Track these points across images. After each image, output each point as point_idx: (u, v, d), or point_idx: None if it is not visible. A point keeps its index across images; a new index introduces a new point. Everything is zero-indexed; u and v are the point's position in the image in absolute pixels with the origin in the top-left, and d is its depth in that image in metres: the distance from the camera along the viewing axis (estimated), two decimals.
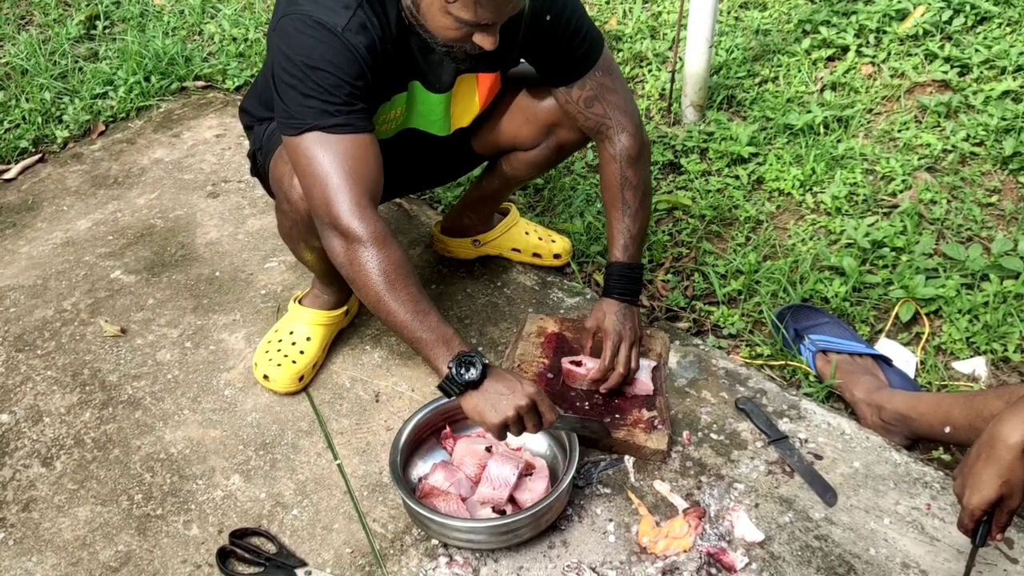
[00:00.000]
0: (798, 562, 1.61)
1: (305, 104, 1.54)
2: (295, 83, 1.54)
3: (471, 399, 1.54)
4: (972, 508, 1.38)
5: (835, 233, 2.40)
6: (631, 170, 1.85)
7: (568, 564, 1.61)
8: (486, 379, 1.53)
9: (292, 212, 1.73)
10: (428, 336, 1.54)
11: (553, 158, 2.03)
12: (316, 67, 1.53)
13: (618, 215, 1.87)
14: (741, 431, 1.85)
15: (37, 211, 2.61)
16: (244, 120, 2.00)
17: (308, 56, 1.53)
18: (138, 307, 2.23)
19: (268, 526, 1.71)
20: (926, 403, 1.79)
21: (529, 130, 1.95)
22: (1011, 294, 2.13)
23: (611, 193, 1.87)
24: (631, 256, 1.87)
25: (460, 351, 1.54)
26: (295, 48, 1.54)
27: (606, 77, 1.82)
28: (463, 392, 1.54)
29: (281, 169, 1.72)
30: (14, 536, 1.71)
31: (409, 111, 1.80)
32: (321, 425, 1.91)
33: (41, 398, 2.00)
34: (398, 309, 1.54)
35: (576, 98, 1.82)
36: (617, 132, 1.84)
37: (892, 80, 2.87)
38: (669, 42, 3.18)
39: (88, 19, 3.55)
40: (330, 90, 1.53)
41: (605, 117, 1.84)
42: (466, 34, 1.53)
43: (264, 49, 3.31)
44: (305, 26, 1.53)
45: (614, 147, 1.85)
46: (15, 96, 3.07)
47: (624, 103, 1.85)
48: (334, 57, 1.53)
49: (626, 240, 1.86)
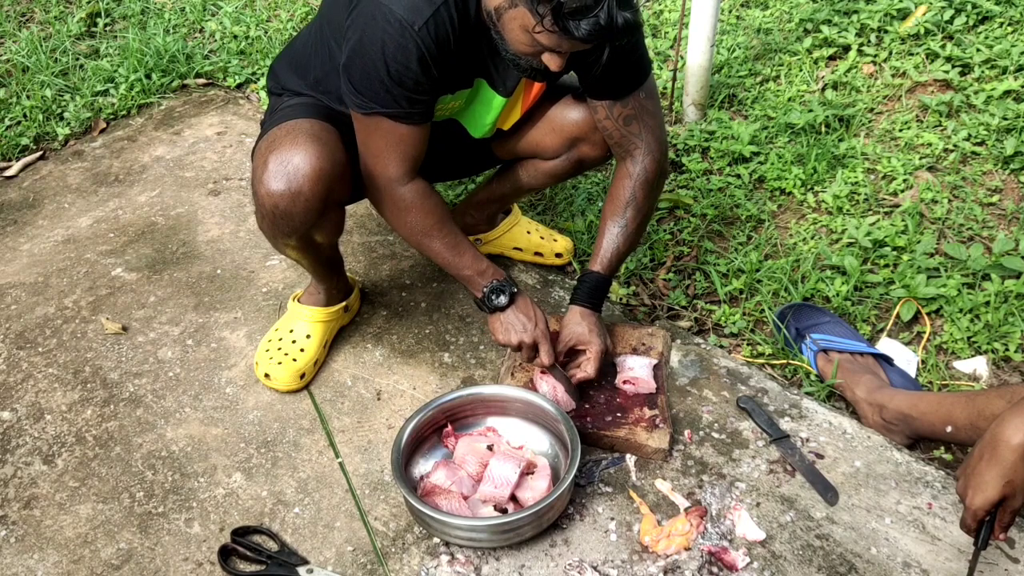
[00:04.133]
0: (799, 561, 1.61)
1: (373, 91, 1.64)
2: (367, 71, 1.62)
3: (496, 319, 1.83)
4: (975, 508, 1.38)
5: (836, 232, 2.40)
6: (642, 192, 1.87)
7: (570, 563, 1.61)
8: (511, 306, 1.81)
9: (260, 206, 1.74)
10: (466, 272, 1.82)
11: (571, 171, 2.04)
12: (387, 61, 1.59)
13: (614, 230, 1.88)
14: (742, 430, 1.86)
15: (38, 208, 2.61)
16: (270, 83, 1.98)
17: (380, 49, 1.59)
18: (139, 305, 2.23)
19: (270, 524, 1.71)
20: (927, 402, 1.79)
21: (552, 140, 1.96)
22: (1012, 294, 2.13)
23: (614, 207, 1.89)
24: (609, 271, 1.90)
25: (494, 280, 1.81)
26: (370, 37, 1.60)
27: (648, 100, 1.84)
28: (492, 312, 1.82)
29: (256, 162, 1.74)
30: (16, 534, 1.71)
31: (467, 105, 1.85)
32: (323, 423, 1.91)
33: (42, 395, 2.00)
34: (440, 250, 1.81)
35: (616, 114, 1.83)
36: (644, 154, 1.86)
37: (893, 79, 2.87)
38: (671, 40, 3.18)
39: (89, 16, 3.55)
40: (397, 84, 1.62)
41: (638, 137, 1.86)
42: (537, 52, 1.56)
43: (266, 47, 3.31)
44: (383, 16, 1.57)
45: (635, 166, 1.87)
46: (16, 93, 3.07)
47: (658, 129, 1.88)
48: (404, 56, 1.59)
49: (612, 256, 1.89)
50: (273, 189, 1.68)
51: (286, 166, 1.67)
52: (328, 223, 1.81)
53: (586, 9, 1.41)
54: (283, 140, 1.69)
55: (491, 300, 1.80)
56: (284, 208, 1.69)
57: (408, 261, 2.33)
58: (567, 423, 1.71)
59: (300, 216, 1.71)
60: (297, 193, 1.67)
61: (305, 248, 1.84)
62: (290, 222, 1.72)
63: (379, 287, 2.26)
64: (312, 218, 1.73)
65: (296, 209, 1.69)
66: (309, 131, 1.70)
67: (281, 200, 1.68)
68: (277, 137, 1.71)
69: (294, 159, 1.67)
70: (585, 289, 1.89)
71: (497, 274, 1.82)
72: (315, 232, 1.79)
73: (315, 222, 1.75)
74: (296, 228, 1.74)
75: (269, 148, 1.70)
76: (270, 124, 1.79)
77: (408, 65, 1.59)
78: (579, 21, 1.42)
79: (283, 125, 1.73)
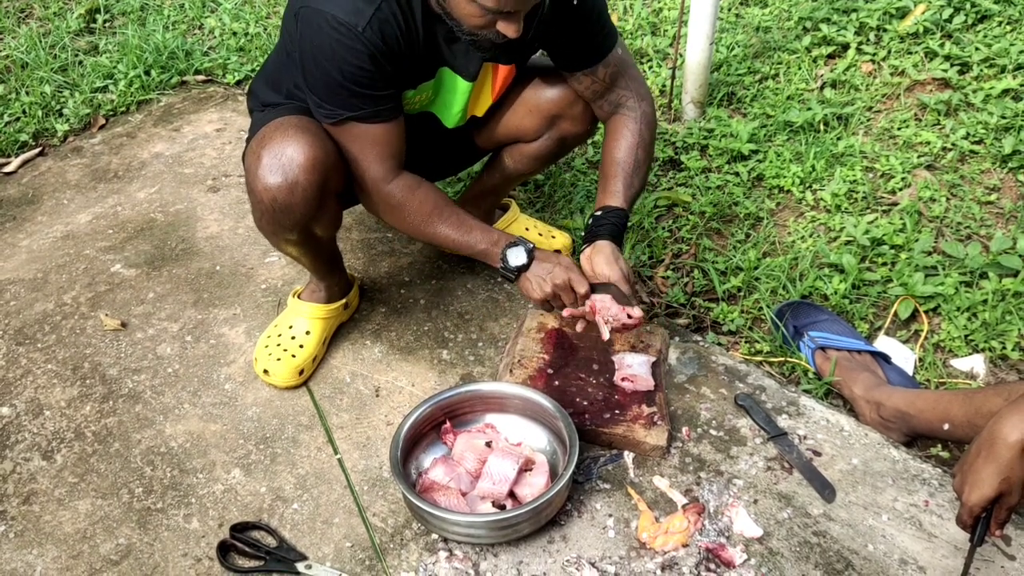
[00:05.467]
0: (796, 558, 1.62)
1: (335, 97, 1.66)
2: (324, 79, 1.64)
3: (524, 280, 1.80)
4: (971, 505, 1.38)
5: (835, 230, 2.40)
6: (648, 131, 1.91)
7: (567, 559, 1.62)
8: (532, 262, 1.78)
9: (258, 202, 1.74)
10: (479, 247, 1.80)
11: (555, 150, 2.04)
12: (340, 66, 1.60)
13: (628, 169, 1.88)
14: (740, 427, 1.86)
15: (37, 205, 2.61)
16: (250, 103, 1.99)
17: (331, 56, 1.60)
18: (138, 301, 2.23)
19: (268, 520, 1.71)
20: (925, 400, 1.79)
21: (532, 121, 1.97)
22: (1010, 292, 2.13)
23: (622, 146, 1.89)
24: (629, 207, 1.89)
25: (505, 244, 1.78)
26: (319, 47, 1.61)
27: (625, 54, 1.90)
28: (517, 276, 1.79)
29: (250, 160, 1.74)
30: (15, 529, 1.72)
31: (435, 95, 1.86)
32: (321, 419, 1.91)
33: (41, 391, 2.00)
34: (447, 234, 1.80)
35: (602, 76, 1.87)
36: (638, 99, 1.92)
37: (892, 78, 2.87)
38: (670, 39, 3.18)
39: (88, 12, 3.55)
40: (356, 85, 1.64)
41: (627, 89, 1.91)
42: (490, 21, 1.57)
43: (264, 44, 3.31)
44: (327, 24, 1.58)
45: (636, 111, 1.91)
46: (15, 89, 3.07)
47: (640, 77, 1.95)
48: (356, 58, 1.60)
49: (629, 192, 1.88)
50: (270, 183, 1.68)
51: (280, 158, 1.67)
52: (326, 215, 1.81)
53: None
54: (273, 135, 1.70)
55: (508, 261, 1.77)
56: (283, 200, 1.69)
57: (407, 258, 2.34)
58: (565, 420, 1.71)
59: (300, 207, 1.71)
60: (294, 183, 1.68)
61: (305, 243, 1.84)
62: (290, 215, 1.72)
63: (378, 284, 2.26)
64: (311, 209, 1.73)
65: (295, 200, 1.69)
66: (297, 124, 1.70)
67: (279, 192, 1.68)
68: (267, 134, 1.71)
69: (287, 150, 1.67)
70: (609, 225, 1.84)
71: (509, 238, 1.81)
72: (314, 225, 1.79)
73: (314, 214, 1.75)
74: (297, 221, 1.74)
75: (260, 144, 1.70)
76: (255, 130, 1.80)
77: (361, 65, 1.60)
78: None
79: (271, 123, 1.74)
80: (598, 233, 1.83)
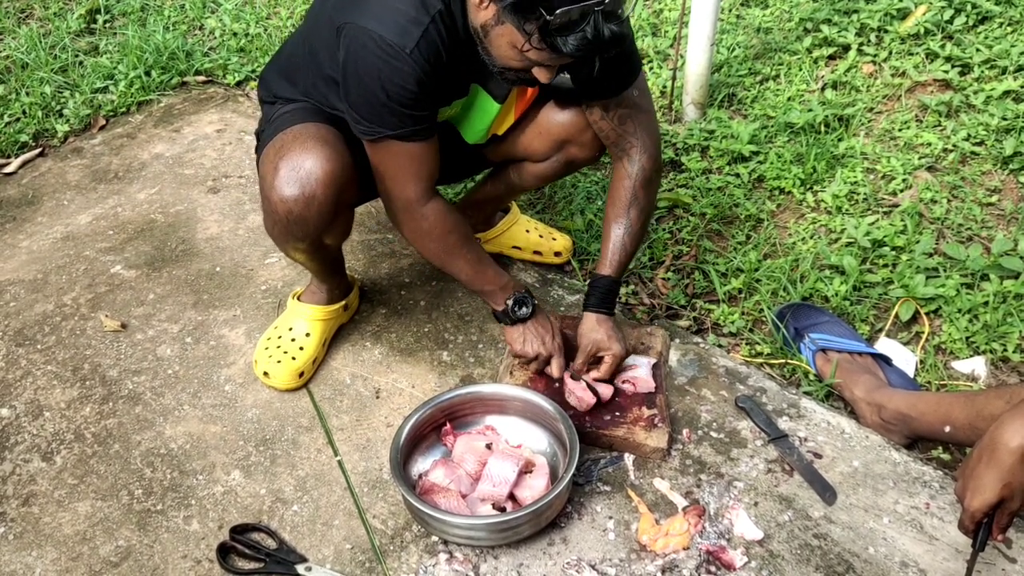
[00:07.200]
0: (797, 560, 1.61)
1: (377, 116, 1.63)
2: (367, 99, 1.62)
3: (515, 330, 1.88)
4: (973, 510, 1.38)
5: (835, 232, 2.40)
6: (643, 191, 1.87)
7: (568, 561, 1.61)
8: (531, 319, 1.87)
9: (272, 212, 1.73)
10: (488, 287, 1.86)
11: (561, 172, 2.04)
12: (386, 87, 1.58)
13: (619, 232, 1.88)
14: (741, 429, 1.86)
15: (37, 205, 2.61)
16: (261, 92, 1.96)
17: (376, 76, 1.58)
18: (138, 302, 2.23)
19: (268, 522, 1.71)
20: (926, 402, 1.79)
21: (541, 143, 1.96)
22: (1011, 294, 2.13)
23: (617, 209, 1.88)
24: (619, 273, 1.89)
25: (516, 293, 1.86)
26: (364, 67, 1.59)
27: (641, 97, 1.84)
28: (513, 324, 1.87)
29: (266, 168, 1.73)
30: (14, 531, 1.72)
31: (463, 112, 1.85)
32: (321, 421, 1.91)
33: (41, 393, 2.00)
34: (462, 267, 1.84)
35: (612, 114, 1.83)
36: (640, 152, 1.86)
37: (893, 79, 2.87)
38: (670, 40, 3.17)
39: (88, 13, 3.55)
40: (399, 106, 1.61)
41: (633, 135, 1.85)
42: (527, 67, 1.55)
43: (265, 45, 3.30)
44: (373, 44, 1.56)
45: (633, 166, 1.86)
46: (15, 90, 3.06)
47: (651, 125, 1.87)
48: (402, 80, 1.57)
49: (620, 258, 1.88)
50: (287, 195, 1.68)
51: (298, 171, 1.67)
52: (339, 226, 1.81)
53: (573, 25, 1.39)
54: (292, 145, 1.69)
55: (515, 312, 1.85)
56: (298, 213, 1.69)
57: (407, 260, 2.33)
58: (565, 422, 1.71)
59: (314, 220, 1.71)
60: (311, 197, 1.67)
61: (314, 251, 1.84)
62: (304, 227, 1.72)
63: (378, 285, 2.26)
64: (325, 222, 1.73)
65: (310, 213, 1.69)
66: (316, 135, 1.70)
67: (295, 205, 1.68)
68: (285, 142, 1.70)
69: (305, 164, 1.67)
70: (598, 294, 1.88)
71: (518, 287, 1.86)
72: (326, 235, 1.79)
73: (327, 226, 1.75)
74: (309, 232, 1.74)
75: (278, 154, 1.70)
76: (271, 131, 1.78)
77: (406, 87, 1.58)
78: (566, 37, 1.41)
79: (289, 130, 1.73)
80: (587, 303, 1.90)
